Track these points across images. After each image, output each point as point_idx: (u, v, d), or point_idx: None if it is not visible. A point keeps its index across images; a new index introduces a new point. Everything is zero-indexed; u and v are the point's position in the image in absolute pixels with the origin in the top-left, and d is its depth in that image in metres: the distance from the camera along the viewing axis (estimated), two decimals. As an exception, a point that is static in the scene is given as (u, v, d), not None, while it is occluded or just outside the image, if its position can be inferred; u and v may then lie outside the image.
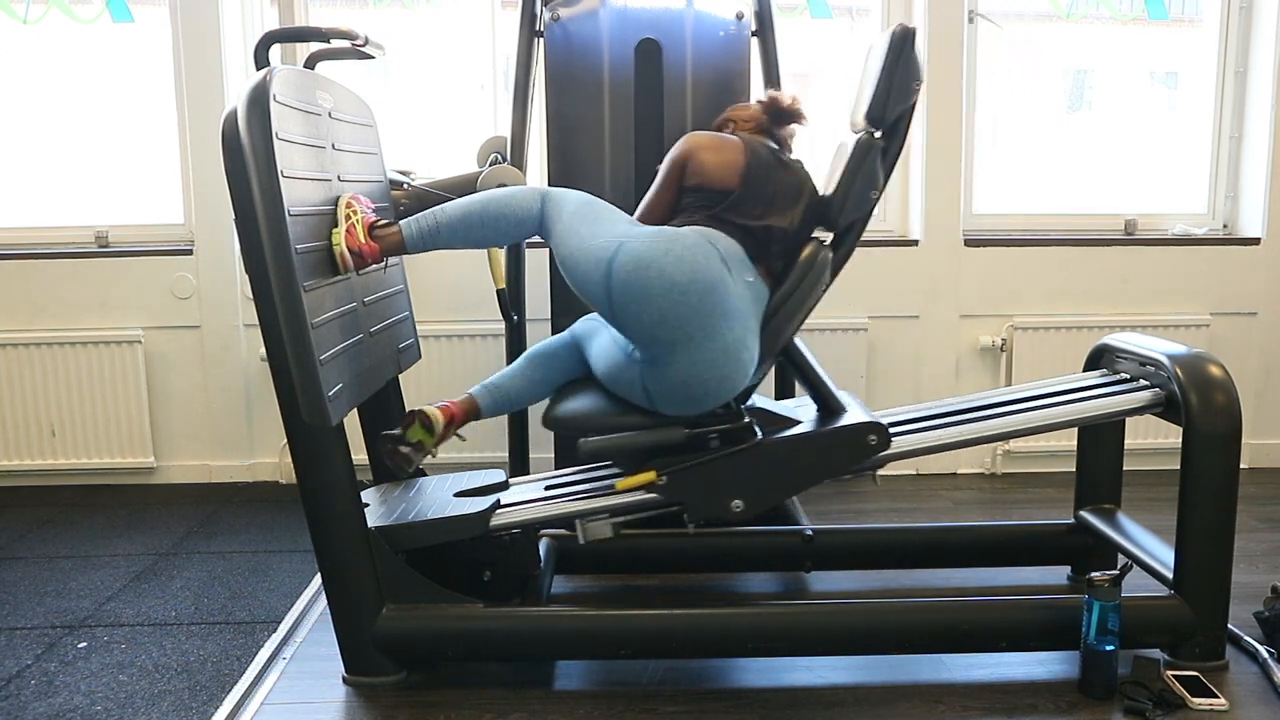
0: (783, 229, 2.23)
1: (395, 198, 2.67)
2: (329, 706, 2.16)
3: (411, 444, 2.36)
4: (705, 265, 2.09)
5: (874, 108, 2.20)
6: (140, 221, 3.86)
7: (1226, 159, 3.97)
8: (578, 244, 2.16)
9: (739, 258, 2.17)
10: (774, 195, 2.25)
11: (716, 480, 2.23)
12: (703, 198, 2.25)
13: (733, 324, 2.10)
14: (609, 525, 2.29)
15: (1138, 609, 2.19)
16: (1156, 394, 2.32)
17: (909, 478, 3.87)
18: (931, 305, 3.84)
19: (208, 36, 3.66)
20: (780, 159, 2.32)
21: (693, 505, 2.25)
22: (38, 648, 2.48)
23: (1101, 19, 4.00)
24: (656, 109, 3.00)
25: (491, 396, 2.43)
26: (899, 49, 2.17)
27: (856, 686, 2.21)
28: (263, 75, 2.05)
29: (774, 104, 2.45)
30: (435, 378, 3.79)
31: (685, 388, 2.12)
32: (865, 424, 2.25)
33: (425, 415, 2.35)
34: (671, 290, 2.05)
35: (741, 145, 2.29)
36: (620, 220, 2.21)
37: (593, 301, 2.16)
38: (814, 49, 3.93)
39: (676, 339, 2.08)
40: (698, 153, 2.29)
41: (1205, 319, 3.87)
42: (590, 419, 2.25)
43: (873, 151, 2.21)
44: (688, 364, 2.09)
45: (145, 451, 3.81)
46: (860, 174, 2.21)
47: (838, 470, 2.28)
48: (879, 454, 2.25)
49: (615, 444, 2.23)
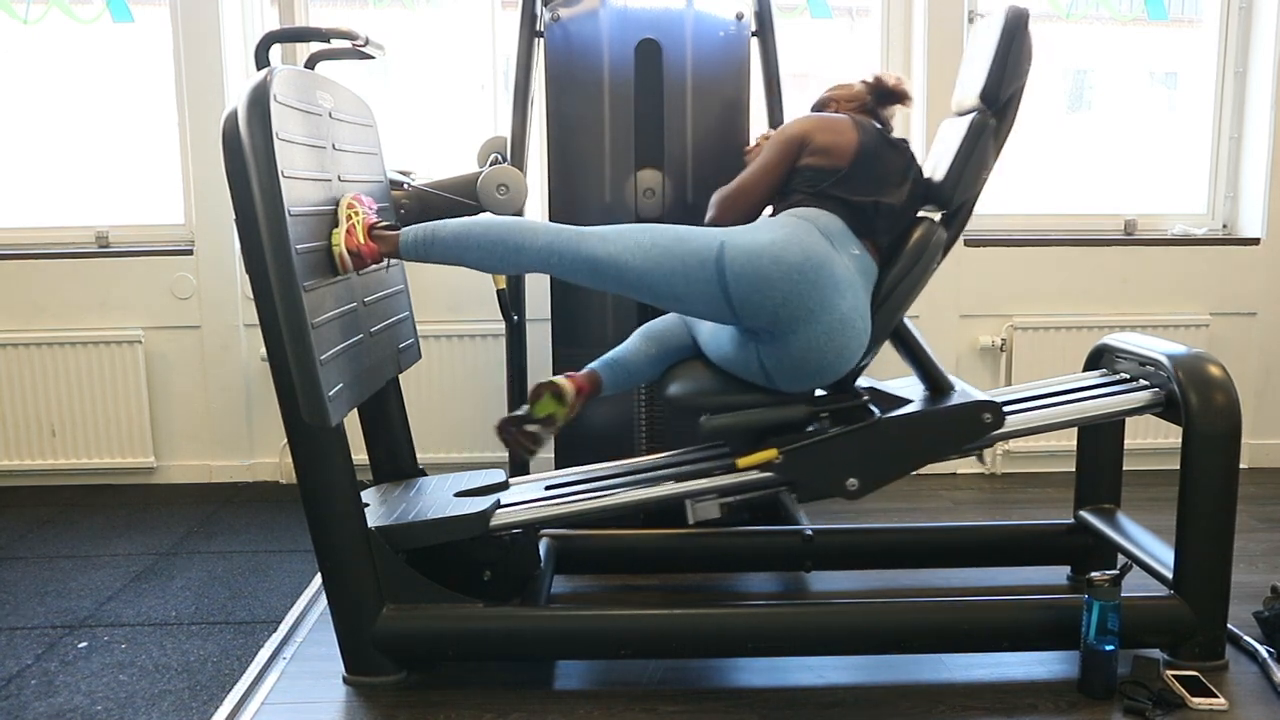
0: (890, 205, 2.25)
1: (395, 198, 2.67)
2: (329, 706, 2.16)
3: (540, 419, 2.34)
4: (811, 243, 2.13)
5: (989, 87, 2.23)
6: (140, 221, 3.86)
7: (1226, 159, 3.97)
8: (662, 254, 2.12)
9: (842, 232, 2.20)
10: (884, 174, 2.27)
11: (833, 459, 2.25)
12: (812, 176, 2.27)
13: (844, 294, 2.13)
14: (717, 505, 2.29)
15: (1138, 609, 2.19)
16: (1156, 394, 2.32)
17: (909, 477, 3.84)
18: (931, 305, 3.84)
19: (208, 36, 3.66)
20: (888, 138, 2.34)
21: (807, 484, 2.27)
22: (38, 648, 2.48)
23: (1101, 19, 4.00)
24: (656, 109, 3.00)
25: (612, 371, 2.42)
26: (1014, 30, 2.21)
27: (856, 686, 2.21)
28: (263, 75, 2.05)
29: (879, 84, 2.46)
30: (435, 378, 3.79)
31: (805, 362, 2.14)
32: (980, 402, 2.27)
33: (557, 386, 2.33)
34: (790, 272, 2.09)
35: (853, 124, 2.31)
36: (685, 227, 2.19)
37: (701, 303, 2.14)
38: (814, 49, 3.93)
39: (798, 316, 2.10)
40: (814, 134, 2.30)
41: (1205, 319, 3.87)
42: (711, 397, 2.27)
43: (987, 131, 2.24)
44: (808, 338, 2.12)
45: (145, 451, 3.81)
46: (974, 153, 2.24)
47: (953, 448, 2.31)
48: (993, 432, 2.27)
49: (737, 421, 2.25)
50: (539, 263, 2.15)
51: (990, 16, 2.29)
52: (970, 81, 2.31)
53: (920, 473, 3.85)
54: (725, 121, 3.01)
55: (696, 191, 3.02)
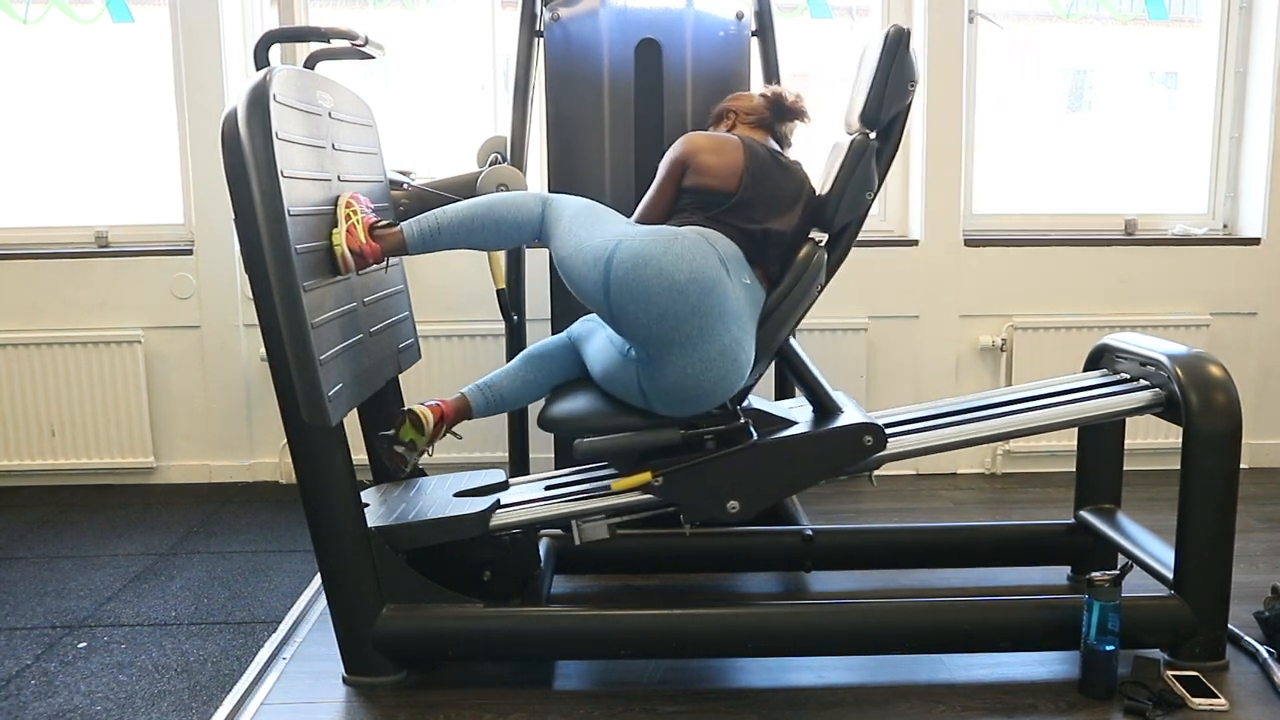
0: (780, 232, 2.23)
1: (395, 198, 2.67)
2: (329, 706, 2.16)
3: (404, 443, 2.36)
4: (704, 265, 2.08)
5: (869, 109, 2.20)
6: (140, 221, 3.86)
7: (1226, 159, 3.97)
8: (575, 244, 2.16)
9: (737, 259, 2.17)
10: (773, 198, 2.24)
11: (712, 481, 2.23)
12: (701, 199, 2.24)
13: (729, 325, 2.10)
14: (605, 526, 2.29)
15: (1138, 609, 2.19)
16: (1156, 394, 2.31)
17: (909, 478, 3.87)
18: (931, 305, 3.84)
19: (208, 36, 3.66)
20: (779, 160, 2.31)
21: (689, 506, 2.25)
22: (38, 648, 2.48)
23: (1101, 19, 4.00)
24: (656, 109, 3.00)
25: (484, 396, 2.43)
26: (894, 50, 2.17)
27: (856, 686, 2.21)
28: (263, 75, 2.05)
29: (777, 99, 2.43)
30: (435, 378, 3.79)
31: (681, 388, 2.12)
32: (861, 425, 2.25)
33: (415, 414, 2.36)
34: (670, 289, 2.05)
35: (741, 146, 2.27)
36: (619, 221, 2.21)
37: (590, 301, 2.16)
38: (814, 49, 3.93)
39: (674, 338, 2.07)
40: (697, 154, 2.27)
41: (1205, 319, 3.87)
42: (586, 419, 2.25)
43: (867, 153, 2.21)
44: (684, 364, 2.09)
45: (145, 451, 3.81)
46: (855, 175, 2.21)
47: (833, 471, 2.28)
48: (875, 455, 2.25)
49: (611, 445, 2.23)
50: (537, 234, 2.24)
51: (876, 36, 2.24)
52: (854, 102, 2.27)
53: (920, 473, 3.90)
54: (725, 121, 3.01)
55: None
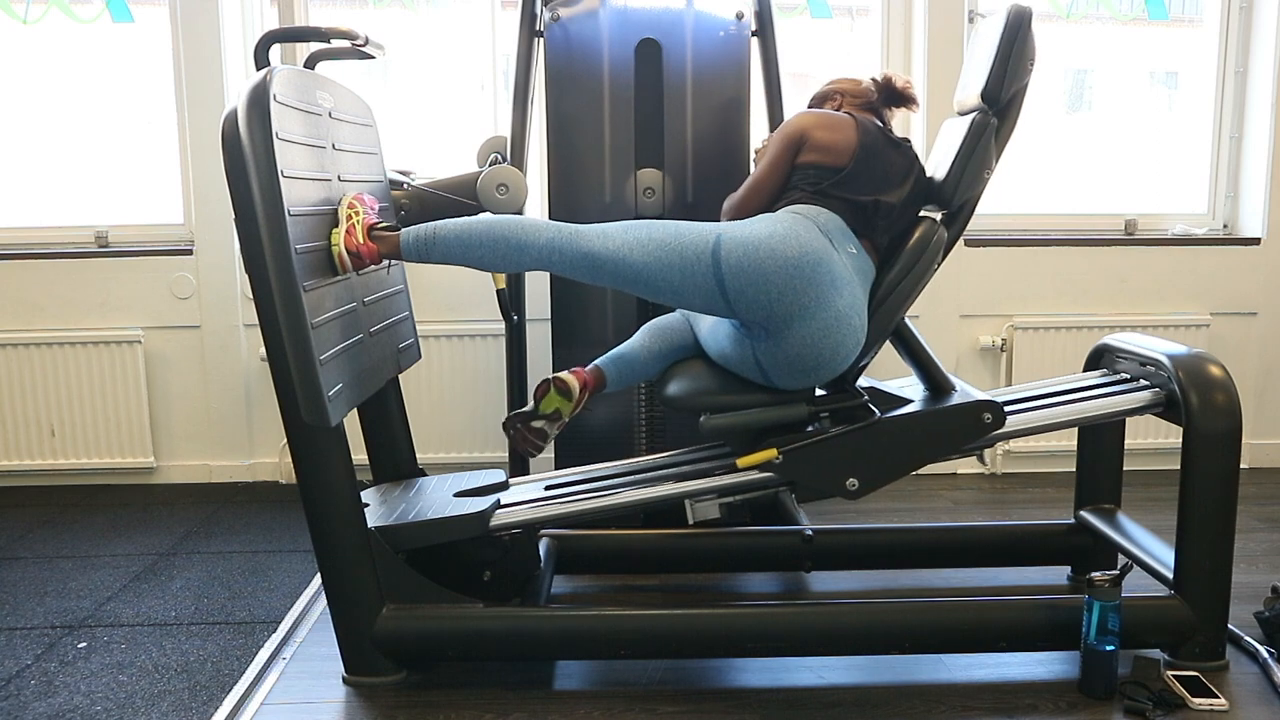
0: (890, 204, 2.25)
1: (395, 198, 2.67)
2: (329, 706, 2.16)
3: (546, 415, 2.32)
4: (809, 239, 2.12)
5: (990, 87, 2.22)
6: (140, 221, 3.86)
7: (1226, 159, 3.97)
8: (656, 251, 2.13)
9: (840, 230, 2.20)
10: (884, 173, 2.26)
11: (833, 458, 2.24)
12: (814, 175, 2.27)
13: (842, 291, 2.13)
14: (716, 505, 2.29)
15: (1138, 609, 2.19)
16: (1156, 394, 2.32)
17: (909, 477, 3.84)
18: (931, 305, 3.84)
19: (208, 36, 3.66)
20: (890, 138, 2.33)
21: (808, 483, 2.26)
22: (38, 648, 2.48)
23: (1101, 19, 4.00)
24: (656, 109, 3.00)
25: (617, 367, 2.41)
26: (1015, 28, 2.19)
27: (856, 686, 2.21)
28: (263, 75, 2.05)
29: (888, 84, 2.45)
30: (435, 378, 3.79)
31: (801, 359, 2.14)
32: (981, 402, 2.27)
33: (563, 381, 2.32)
34: (786, 266, 2.08)
35: (853, 123, 2.30)
36: (683, 222, 2.20)
37: (698, 297, 2.14)
38: (814, 49, 3.93)
39: (793, 312, 2.10)
40: (813, 131, 2.29)
41: (1205, 319, 3.87)
42: (709, 396, 2.25)
43: (988, 131, 2.23)
44: (804, 335, 2.11)
45: (145, 451, 3.81)
46: (976, 153, 2.23)
47: (954, 448, 2.30)
48: (994, 432, 2.27)
49: (737, 421, 2.24)
50: (540, 261, 2.15)
51: (993, 16, 2.28)
52: (972, 81, 2.30)
53: (920, 473, 3.85)
54: (725, 121, 3.01)
55: (696, 191, 3.02)
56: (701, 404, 2.26)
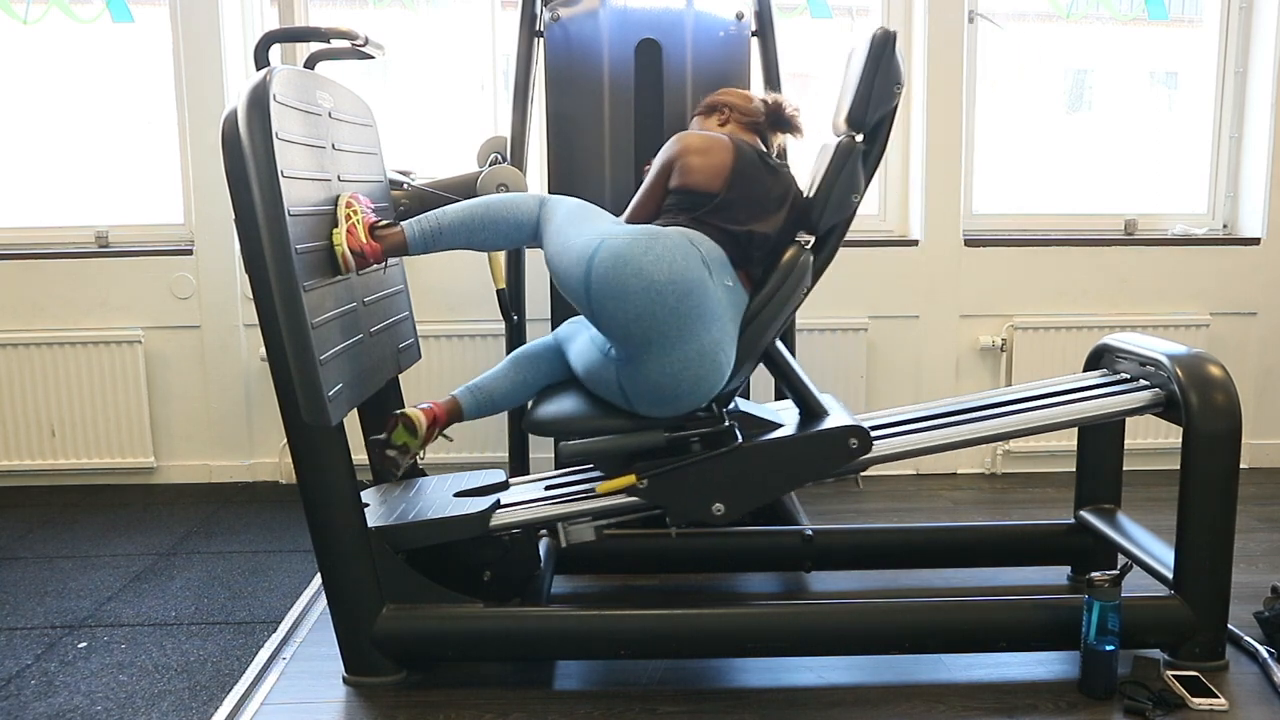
0: (765, 234, 2.22)
1: (395, 198, 2.67)
2: (329, 706, 2.16)
3: (397, 447, 2.36)
4: (684, 266, 2.08)
5: (855, 111, 2.19)
6: (140, 221, 3.86)
7: (1226, 159, 3.97)
8: (563, 243, 2.16)
9: (720, 261, 2.16)
10: (758, 200, 2.23)
11: (697, 483, 2.23)
12: (687, 199, 2.24)
13: (709, 326, 2.10)
14: (591, 528, 2.29)
15: (1138, 609, 2.19)
16: (1156, 394, 2.31)
17: (909, 478, 3.87)
18: (931, 305, 3.84)
19: (208, 36, 3.66)
20: (767, 163, 2.29)
21: (674, 508, 2.24)
22: (38, 648, 2.48)
23: (1101, 19, 4.00)
24: (656, 109, 3.00)
25: (474, 398, 2.42)
26: (880, 52, 2.16)
27: (856, 686, 2.21)
28: (263, 75, 2.05)
29: (777, 108, 2.42)
30: (435, 378, 3.79)
31: (659, 388, 2.11)
32: (846, 428, 2.24)
33: (408, 418, 2.35)
34: (649, 289, 2.05)
35: (730, 147, 2.26)
36: (606, 221, 2.21)
37: (574, 299, 2.15)
38: (814, 49, 3.93)
39: (651, 338, 2.07)
40: (685, 155, 2.26)
41: (1205, 319, 3.87)
42: (570, 421, 2.24)
43: (854, 155, 2.21)
44: (662, 364, 2.09)
45: (145, 451, 3.81)
46: (841, 177, 2.21)
47: (818, 474, 2.28)
48: (860, 457, 2.25)
49: (596, 447, 2.22)
50: (536, 237, 2.25)
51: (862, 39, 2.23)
52: (843, 105, 2.26)
53: (920, 473, 3.90)
54: (725, 121, 3.01)
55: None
56: (562, 429, 2.25)
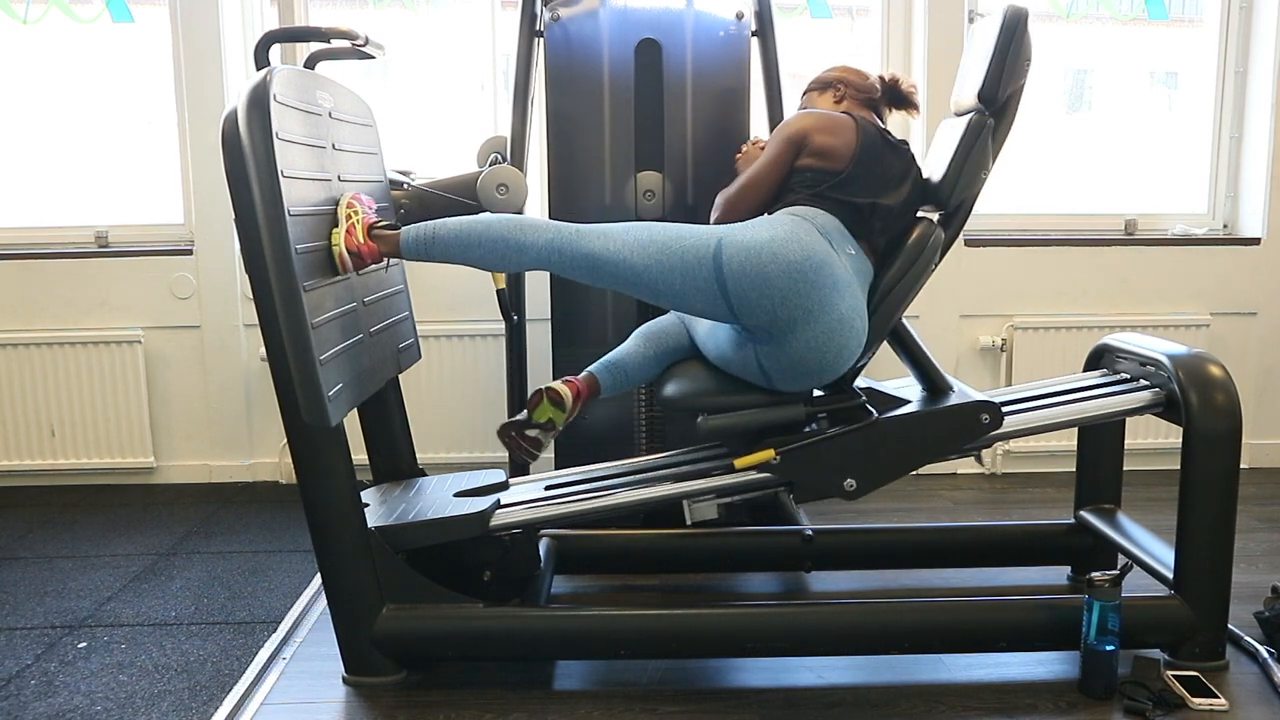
0: (888, 207, 2.25)
1: (395, 198, 2.67)
2: (329, 706, 2.16)
3: (540, 424, 2.34)
4: (810, 242, 2.12)
5: (987, 87, 2.22)
6: (140, 221, 3.86)
7: (1226, 159, 3.97)
8: (659, 252, 2.12)
9: (839, 231, 2.19)
10: (882, 176, 2.26)
11: (831, 459, 2.25)
12: (812, 177, 2.26)
13: (844, 294, 2.13)
14: (714, 506, 2.29)
15: (1138, 609, 2.19)
16: (1156, 394, 2.32)
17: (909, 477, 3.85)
18: (931, 305, 3.84)
19: (208, 36, 3.66)
20: (889, 140, 2.32)
21: (805, 484, 2.26)
22: (38, 648, 2.48)
23: (1101, 19, 4.00)
24: (656, 109, 3.00)
25: (611, 374, 2.43)
26: (1013, 29, 2.20)
27: (856, 686, 2.21)
28: (263, 75, 2.05)
29: (895, 85, 2.45)
30: (435, 378, 3.79)
31: (805, 362, 2.14)
32: (978, 403, 2.27)
33: (555, 391, 2.33)
34: (789, 270, 2.08)
35: (854, 126, 2.29)
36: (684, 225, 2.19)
37: (699, 301, 2.13)
38: (814, 49, 3.93)
39: (797, 316, 2.10)
40: (814, 134, 2.28)
41: (1205, 319, 3.87)
42: (707, 398, 2.26)
43: (985, 131, 2.23)
44: (808, 338, 2.11)
45: (145, 451, 3.81)
46: (973, 154, 2.23)
47: (951, 449, 2.30)
48: (991, 432, 2.27)
49: (735, 422, 2.24)
50: (540, 261, 2.15)
51: (990, 16, 2.28)
52: (969, 81, 2.30)
53: (920, 472, 3.87)
54: (725, 121, 3.01)
55: (697, 192, 3.02)
56: (699, 405, 2.27)
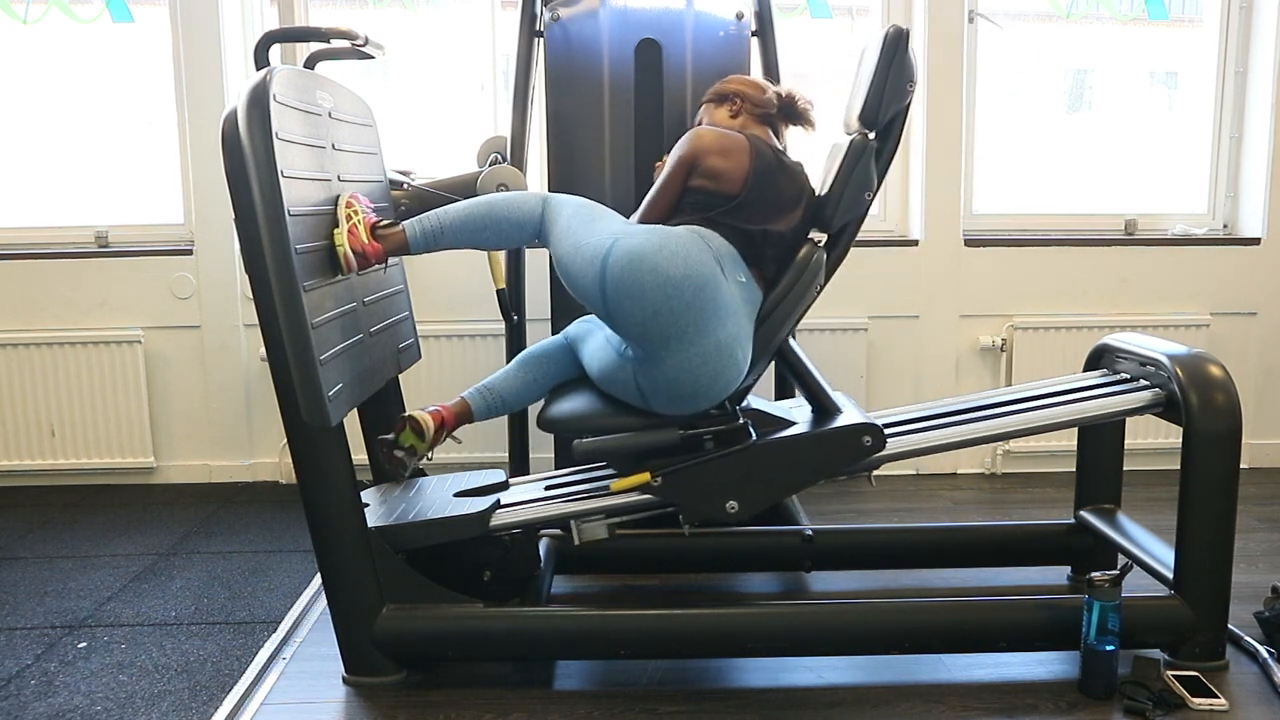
0: (780, 233, 2.22)
1: (395, 198, 2.67)
2: (329, 706, 2.16)
3: (404, 448, 2.37)
4: (699, 261, 2.09)
5: (868, 109, 2.19)
6: (140, 221, 3.86)
7: (1226, 159, 3.97)
8: (573, 243, 2.16)
9: (732, 257, 2.17)
10: (775, 201, 2.23)
11: (711, 481, 2.23)
12: (704, 200, 2.24)
13: (725, 321, 2.11)
14: (604, 526, 2.29)
15: (1138, 609, 2.19)
16: (1156, 394, 2.31)
17: (909, 478, 3.87)
18: (931, 305, 3.84)
19: (208, 36, 3.66)
20: (783, 161, 2.30)
21: (687, 506, 2.24)
22: (38, 648, 2.48)
23: (1101, 19, 4.00)
24: (656, 109, 3.00)
25: (484, 399, 2.44)
26: (893, 50, 2.17)
27: (856, 686, 2.21)
28: (263, 75, 2.05)
29: (790, 101, 2.42)
30: (435, 378, 3.79)
31: (678, 385, 2.12)
32: (860, 425, 2.25)
33: (415, 420, 2.36)
34: (665, 284, 2.06)
35: (748, 148, 2.26)
36: (617, 220, 2.22)
37: (587, 299, 2.17)
38: (814, 49, 3.93)
39: (669, 334, 2.08)
40: (705, 156, 2.25)
41: (1205, 319, 3.87)
42: (585, 419, 2.25)
43: (866, 153, 2.21)
44: (680, 360, 2.09)
45: (145, 451, 3.81)
46: (855, 175, 2.21)
47: (832, 471, 2.28)
48: (874, 455, 2.25)
49: (610, 445, 2.23)
50: (538, 234, 2.25)
51: (874, 36, 2.24)
52: (855, 102, 2.26)
53: (920, 472, 3.90)
54: (725, 121, 3.01)
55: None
56: (576, 427, 2.25)
